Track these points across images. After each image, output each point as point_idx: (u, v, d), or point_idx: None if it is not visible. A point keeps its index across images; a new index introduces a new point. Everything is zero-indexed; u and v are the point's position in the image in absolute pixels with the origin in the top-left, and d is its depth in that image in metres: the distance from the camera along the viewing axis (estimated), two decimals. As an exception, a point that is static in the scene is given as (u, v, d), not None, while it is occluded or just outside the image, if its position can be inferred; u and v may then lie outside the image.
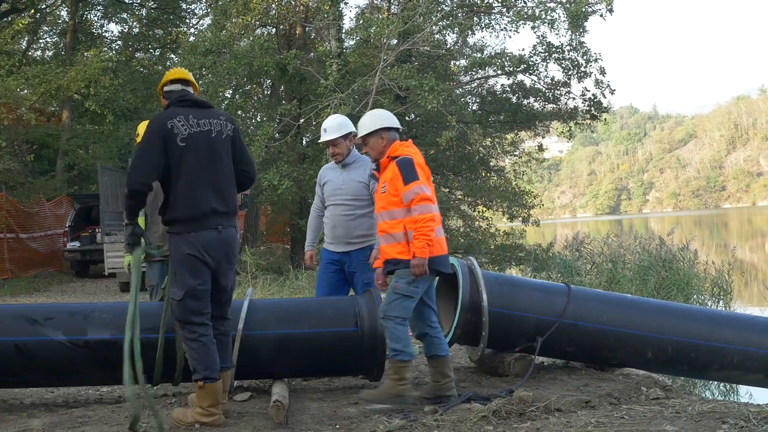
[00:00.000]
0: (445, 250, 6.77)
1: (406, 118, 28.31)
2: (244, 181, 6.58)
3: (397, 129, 7.01)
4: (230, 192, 6.33)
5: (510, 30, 29.75)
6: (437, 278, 7.61)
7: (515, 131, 33.78)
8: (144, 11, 38.10)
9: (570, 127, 31.43)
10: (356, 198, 8.09)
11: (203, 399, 6.10)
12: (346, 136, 8.28)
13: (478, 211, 31.04)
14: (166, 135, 6.09)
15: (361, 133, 6.97)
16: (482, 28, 30.52)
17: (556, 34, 29.12)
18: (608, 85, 29.55)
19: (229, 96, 30.13)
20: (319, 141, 8.61)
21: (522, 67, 28.33)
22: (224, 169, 6.31)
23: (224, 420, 6.20)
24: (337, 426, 6.13)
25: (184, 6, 38.20)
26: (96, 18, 38.92)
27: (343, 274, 8.33)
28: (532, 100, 31.44)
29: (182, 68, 6.87)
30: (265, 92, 32.82)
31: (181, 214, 6.12)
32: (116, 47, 38.67)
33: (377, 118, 7.00)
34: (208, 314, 6.21)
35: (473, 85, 32.53)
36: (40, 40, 39.02)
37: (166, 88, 6.53)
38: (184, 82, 6.55)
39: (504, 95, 31.67)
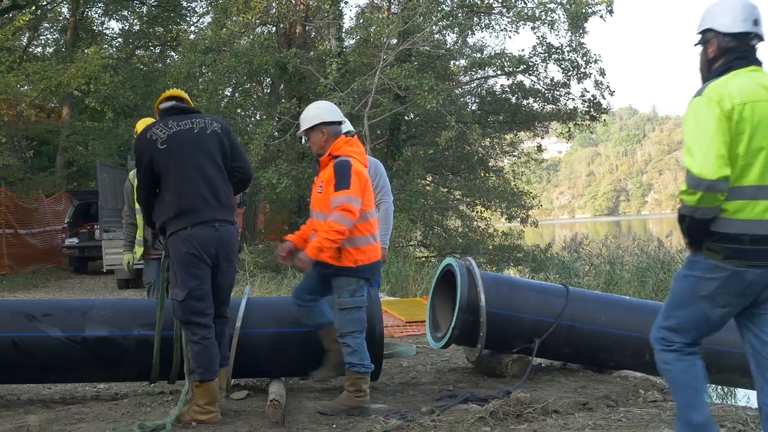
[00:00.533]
0: (378, 257, 6.73)
1: (406, 117, 28.35)
2: (239, 178, 6.57)
3: (340, 122, 6.84)
4: (221, 185, 6.30)
5: (510, 30, 29.83)
6: (434, 279, 7.62)
7: (514, 131, 33.86)
8: (144, 9, 38.05)
9: (569, 127, 31.51)
10: None
11: (200, 397, 6.12)
12: (317, 126, 8.23)
13: (477, 212, 31.08)
14: (147, 146, 6.22)
15: (302, 127, 6.83)
16: (482, 29, 30.62)
17: (556, 34, 29.05)
18: (608, 86, 29.63)
19: (228, 94, 30.20)
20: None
21: (521, 67, 28.37)
22: (211, 161, 6.28)
23: (221, 418, 6.21)
24: (334, 426, 6.13)
25: (184, 4, 38.18)
26: (97, 15, 38.89)
27: None
28: (531, 100, 31.54)
29: (176, 89, 6.96)
30: (265, 90, 32.86)
31: (173, 211, 6.14)
32: (117, 44, 38.66)
33: (318, 112, 6.81)
34: (211, 315, 6.23)
35: (473, 85, 32.61)
36: (41, 37, 39.01)
37: (161, 108, 6.57)
38: (177, 99, 6.58)
39: (503, 95, 31.74)
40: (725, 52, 4.51)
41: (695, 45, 4.77)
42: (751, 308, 4.56)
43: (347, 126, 7.31)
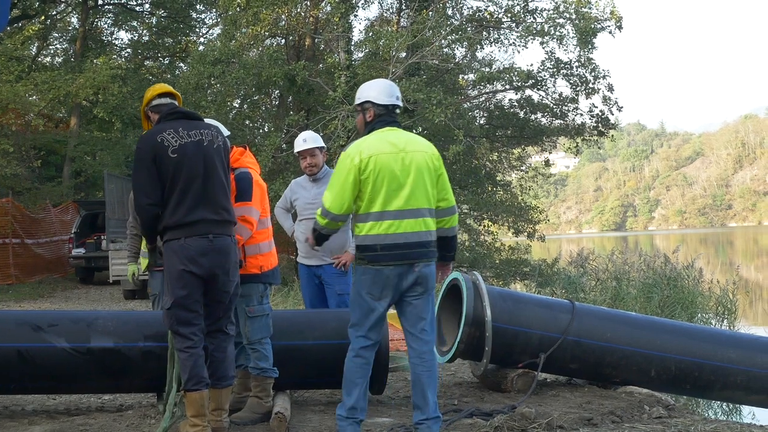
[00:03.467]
0: (275, 264, 7.08)
1: (414, 131, 28.32)
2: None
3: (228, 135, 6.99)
4: (223, 201, 6.23)
5: (519, 45, 29.81)
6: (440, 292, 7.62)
7: (522, 146, 33.89)
8: (154, 19, 38.23)
9: (577, 143, 31.52)
10: None
11: (188, 408, 6.04)
12: (321, 149, 8.38)
13: (484, 225, 31.11)
14: (156, 149, 6.04)
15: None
16: (491, 43, 30.58)
17: (565, 50, 29.16)
18: (616, 102, 29.67)
19: (237, 105, 30.22)
20: (297, 150, 8.48)
21: (530, 82, 28.44)
22: (217, 178, 6.21)
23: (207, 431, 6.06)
24: (338, 439, 6.12)
25: (194, 15, 38.34)
26: (106, 25, 39.12)
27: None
28: (539, 115, 31.54)
29: (162, 83, 6.90)
30: (273, 102, 32.87)
31: (171, 222, 6.03)
32: (125, 55, 38.82)
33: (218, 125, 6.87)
34: (199, 326, 6.10)
35: (481, 100, 32.65)
36: (50, 47, 39.22)
37: (154, 102, 6.48)
38: (170, 95, 6.52)
39: (512, 110, 31.76)
40: (376, 116, 6.15)
41: (355, 112, 6.62)
42: (402, 298, 5.94)
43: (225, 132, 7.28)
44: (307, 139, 8.39)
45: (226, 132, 6.83)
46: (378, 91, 6.20)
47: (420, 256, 5.87)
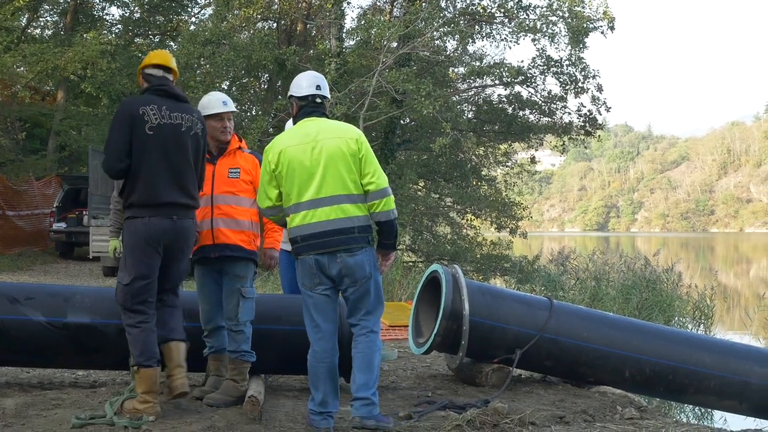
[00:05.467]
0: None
1: (401, 121, 28.32)
2: (202, 185, 6.67)
3: None
4: (190, 188, 6.35)
5: (510, 41, 29.76)
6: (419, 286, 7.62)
7: (509, 142, 33.90)
8: (146, -4, 38.01)
9: (564, 141, 31.57)
10: None
11: (139, 384, 6.11)
12: None
13: (467, 219, 31.11)
14: (135, 119, 6.13)
15: (232, 108, 7.11)
16: (483, 37, 30.53)
17: (556, 48, 29.20)
18: (604, 102, 29.74)
19: (225, 87, 30.12)
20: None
21: (520, 78, 28.46)
22: (187, 163, 6.32)
23: (159, 410, 6.13)
24: (310, 425, 6.12)
25: (186, -6, 38.13)
26: (97, 0, 38.81)
27: None
28: (527, 112, 31.56)
29: (166, 52, 6.86)
30: (262, 86, 32.82)
31: (138, 200, 6.15)
32: (116, 31, 38.53)
33: (229, 100, 7.12)
34: (153, 304, 6.22)
35: (470, 93, 32.64)
36: (40, 19, 38.87)
37: (146, 71, 6.50)
38: (166, 69, 6.53)
39: (500, 105, 31.77)
40: (300, 109, 6.24)
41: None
42: (339, 289, 6.02)
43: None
44: (222, 103, 8.32)
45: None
46: (297, 84, 6.28)
47: (339, 244, 5.88)
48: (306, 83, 6.22)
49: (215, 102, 6.94)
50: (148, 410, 6.05)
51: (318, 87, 6.21)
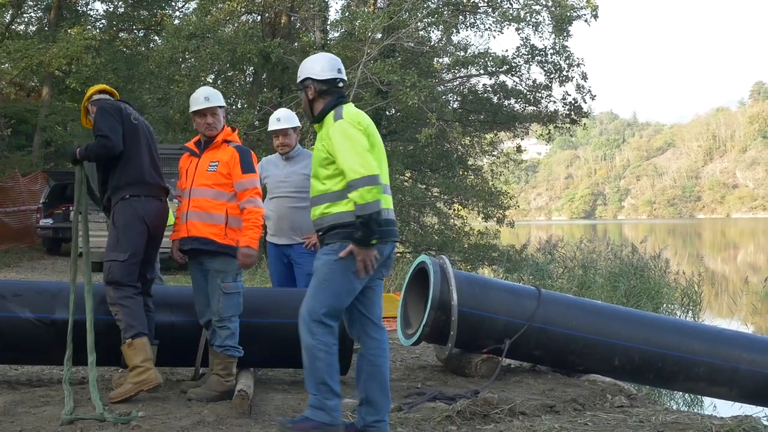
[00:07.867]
0: None
1: (387, 112, 28.33)
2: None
3: None
4: (159, 171, 6.90)
5: (494, 30, 29.83)
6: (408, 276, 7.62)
7: (495, 131, 33.99)
8: (130, -9, 37.89)
9: (549, 130, 31.66)
10: (301, 190, 7.95)
11: (136, 355, 6.33)
12: (295, 129, 8.41)
13: (454, 209, 31.15)
14: (122, 111, 6.69)
15: (217, 102, 7.00)
16: (467, 27, 30.57)
17: (540, 36, 29.21)
18: (589, 91, 29.79)
19: (211, 81, 30.06)
20: (270, 129, 8.57)
21: (504, 68, 28.50)
22: (157, 154, 6.97)
23: (158, 376, 6.41)
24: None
25: (170, -12, 38.04)
26: (81, -5, 38.71)
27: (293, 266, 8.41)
28: (513, 101, 31.63)
29: (103, 84, 7.57)
30: (247, 79, 32.79)
31: (134, 179, 6.62)
32: (100, 26, 38.40)
33: (218, 94, 7.16)
34: (136, 279, 6.63)
35: (455, 84, 32.68)
36: (25, 15, 38.72)
37: (95, 97, 6.97)
38: (110, 94, 7.09)
39: (485, 95, 31.82)
40: (319, 93, 5.66)
41: (298, 91, 6.35)
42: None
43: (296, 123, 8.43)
44: (281, 119, 8.39)
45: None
46: (316, 66, 5.72)
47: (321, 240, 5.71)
48: (328, 65, 5.69)
49: (196, 99, 6.96)
50: (150, 377, 6.31)
51: (339, 70, 5.74)
